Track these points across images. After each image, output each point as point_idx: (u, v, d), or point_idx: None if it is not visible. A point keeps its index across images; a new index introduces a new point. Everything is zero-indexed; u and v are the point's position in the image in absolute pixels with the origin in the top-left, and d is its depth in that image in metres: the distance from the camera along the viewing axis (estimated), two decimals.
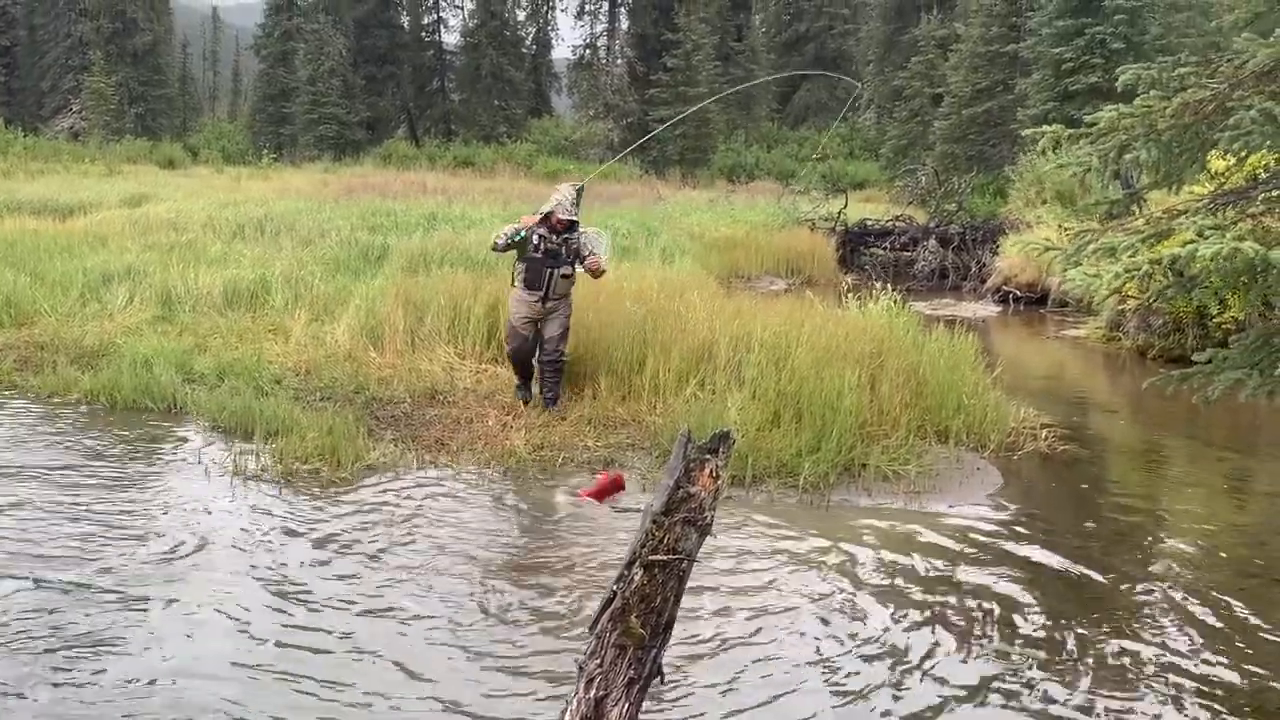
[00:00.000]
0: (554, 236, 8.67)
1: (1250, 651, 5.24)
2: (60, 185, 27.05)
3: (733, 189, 37.01)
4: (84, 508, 6.73)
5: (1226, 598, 5.84)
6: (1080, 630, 5.42)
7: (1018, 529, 6.90)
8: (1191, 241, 5.04)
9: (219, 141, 57.29)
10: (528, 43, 63.02)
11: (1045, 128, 6.09)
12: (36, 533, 6.27)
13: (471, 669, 4.86)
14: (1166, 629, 5.44)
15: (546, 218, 8.70)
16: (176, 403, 9.14)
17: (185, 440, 8.36)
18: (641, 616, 3.57)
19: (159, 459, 7.88)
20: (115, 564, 5.86)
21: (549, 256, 8.67)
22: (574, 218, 8.70)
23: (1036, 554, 6.47)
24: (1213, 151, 5.98)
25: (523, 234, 8.68)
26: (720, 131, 54.03)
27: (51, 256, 14.42)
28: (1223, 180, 6.09)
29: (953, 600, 5.76)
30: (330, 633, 5.16)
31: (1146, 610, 5.67)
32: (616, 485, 7.33)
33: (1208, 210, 5.66)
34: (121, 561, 5.89)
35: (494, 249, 8.83)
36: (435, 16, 62.86)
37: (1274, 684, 4.95)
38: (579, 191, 9.01)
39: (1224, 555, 6.52)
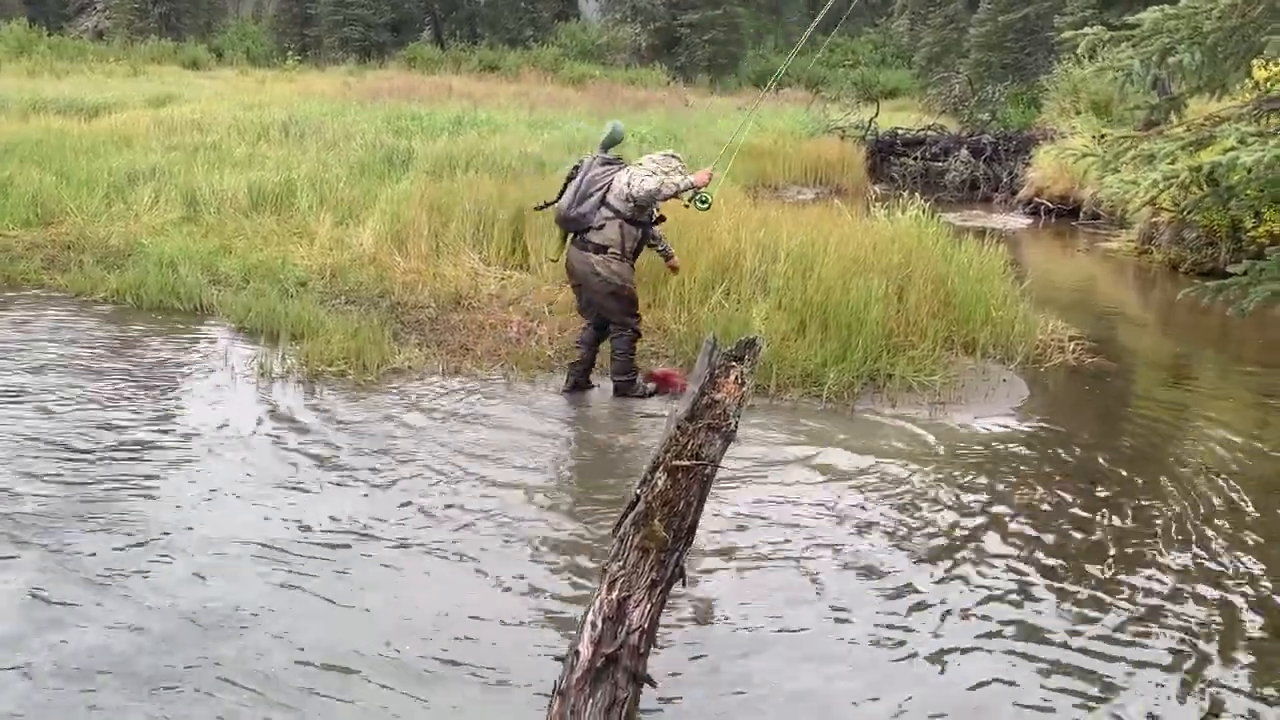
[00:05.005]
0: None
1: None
2: (85, 85, 26.87)
3: (761, 96, 36.33)
4: (109, 402, 6.83)
5: (1255, 512, 5.81)
6: (1106, 542, 5.42)
7: (1043, 440, 6.88)
8: (1232, 148, 4.92)
9: (243, 43, 56.44)
10: None
11: (1085, 30, 5.92)
12: (64, 425, 6.36)
13: (491, 570, 4.91)
14: (1195, 543, 5.42)
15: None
16: (202, 303, 9.21)
17: (211, 340, 8.41)
18: (664, 520, 3.58)
19: (185, 358, 7.93)
20: (139, 456, 5.93)
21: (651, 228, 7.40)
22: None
23: (1062, 465, 6.45)
24: (1258, 58, 5.81)
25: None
26: (749, 37, 52.92)
27: (77, 156, 14.41)
28: (1267, 87, 5.93)
29: (976, 509, 5.76)
30: (353, 531, 5.23)
31: (1174, 524, 5.65)
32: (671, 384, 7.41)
33: (1251, 117, 5.52)
34: (145, 454, 5.97)
35: (661, 195, 6.99)
36: None
37: None
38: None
39: (1253, 470, 6.47)
